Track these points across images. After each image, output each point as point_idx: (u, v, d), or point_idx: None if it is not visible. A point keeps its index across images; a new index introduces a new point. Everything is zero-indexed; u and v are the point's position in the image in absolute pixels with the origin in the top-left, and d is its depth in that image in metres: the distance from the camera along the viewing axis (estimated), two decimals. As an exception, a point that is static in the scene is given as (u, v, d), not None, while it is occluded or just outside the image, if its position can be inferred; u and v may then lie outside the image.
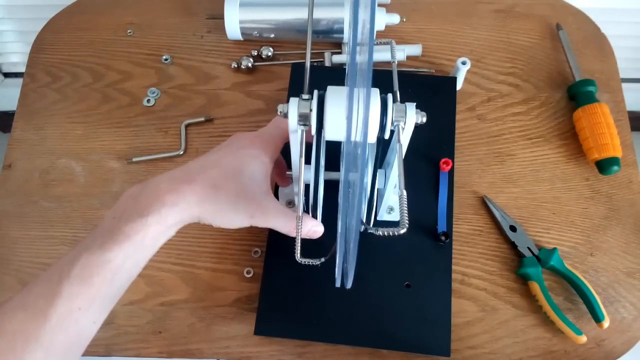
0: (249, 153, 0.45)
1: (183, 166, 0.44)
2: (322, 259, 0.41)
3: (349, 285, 0.42)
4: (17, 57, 1.18)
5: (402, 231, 0.33)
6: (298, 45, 0.71)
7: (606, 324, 0.53)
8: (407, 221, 0.34)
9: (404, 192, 0.36)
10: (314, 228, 0.46)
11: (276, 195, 0.58)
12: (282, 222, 0.45)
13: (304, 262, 0.40)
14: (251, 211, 0.44)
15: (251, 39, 0.70)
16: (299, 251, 0.40)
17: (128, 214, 0.40)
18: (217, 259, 0.58)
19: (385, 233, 0.34)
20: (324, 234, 0.47)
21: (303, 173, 0.40)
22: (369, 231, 0.35)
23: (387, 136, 0.39)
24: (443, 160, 0.58)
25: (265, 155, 0.45)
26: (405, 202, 0.35)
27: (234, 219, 0.44)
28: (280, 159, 0.51)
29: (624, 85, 0.68)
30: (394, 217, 0.56)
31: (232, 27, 0.68)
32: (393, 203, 0.56)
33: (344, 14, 0.66)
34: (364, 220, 0.50)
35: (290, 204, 0.57)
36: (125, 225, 0.39)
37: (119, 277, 0.39)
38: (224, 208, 0.43)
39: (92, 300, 0.38)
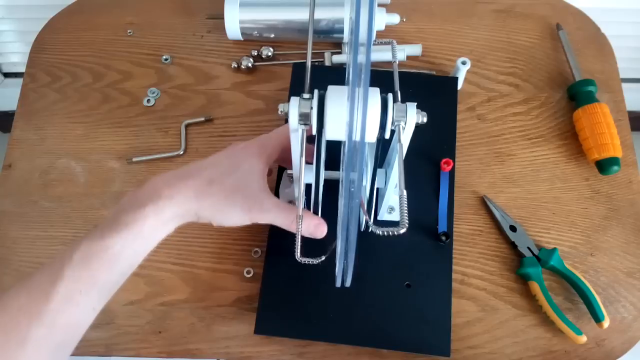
0: (244, 154, 0.46)
1: (183, 166, 0.46)
2: (322, 257, 0.41)
3: (348, 283, 0.42)
4: (17, 57, 1.18)
5: (402, 231, 0.34)
6: (298, 45, 0.71)
7: (606, 323, 0.53)
8: (407, 221, 0.34)
9: (404, 192, 0.36)
10: (316, 226, 0.47)
11: (277, 195, 0.58)
12: (282, 217, 0.45)
13: (304, 261, 0.40)
14: (248, 205, 0.45)
15: (251, 39, 0.70)
16: (299, 250, 0.40)
17: (127, 207, 0.42)
18: (217, 259, 0.58)
19: (386, 232, 0.34)
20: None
21: (304, 173, 0.40)
22: (370, 230, 0.35)
23: (387, 136, 0.39)
24: (444, 160, 0.58)
25: (260, 158, 0.46)
26: (406, 202, 0.35)
27: (232, 215, 0.45)
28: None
29: (624, 85, 0.68)
30: (395, 217, 0.56)
31: (232, 27, 0.68)
32: (393, 203, 0.56)
33: (344, 14, 0.66)
34: (365, 220, 0.50)
35: (291, 203, 0.57)
36: (124, 215, 0.41)
37: (118, 265, 0.41)
38: (221, 203, 0.44)
39: (93, 285, 0.39)
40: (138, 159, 0.63)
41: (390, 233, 0.34)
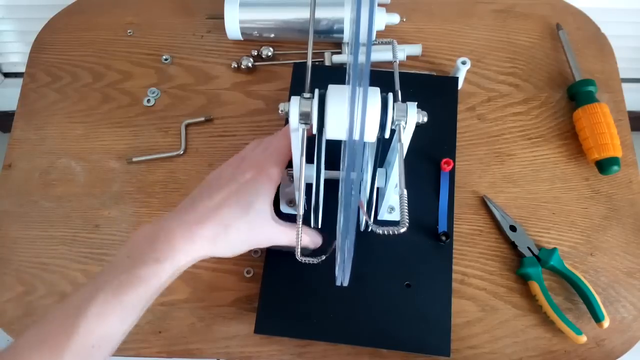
0: (256, 188, 0.46)
1: (191, 204, 0.46)
2: (323, 257, 0.42)
3: (346, 283, 0.42)
4: (17, 57, 1.18)
5: (403, 230, 0.34)
6: (298, 45, 0.71)
7: (606, 323, 0.53)
8: (407, 220, 0.34)
9: (405, 192, 0.36)
10: (313, 238, 0.50)
11: (277, 196, 0.58)
12: (285, 239, 0.48)
13: (304, 260, 0.40)
14: (259, 242, 0.48)
15: (251, 39, 0.70)
16: (299, 250, 0.40)
17: (144, 258, 0.42)
18: (217, 259, 0.58)
19: (386, 232, 0.34)
20: (324, 231, 0.47)
21: (304, 172, 0.40)
22: (370, 229, 0.35)
23: (387, 135, 0.39)
24: (444, 160, 0.58)
25: (271, 182, 0.47)
26: (406, 201, 0.35)
27: (241, 250, 0.47)
28: None
29: (624, 85, 0.68)
30: (395, 216, 0.56)
31: (232, 27, 0.68)
32: (394, 202, 0.56)
33: (344, 14, 0.66)
34: (365, 220, 0.50)
35: (291, 202, 0.57)
36: (141, 269, 0.41)
37: (130, 316, 0.41)
38: (235, 245, 0.46)
39: (105, 338, 0.40)
40: (138, 159, 0.63)
41: (391, 232, 0.34)
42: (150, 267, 0.41)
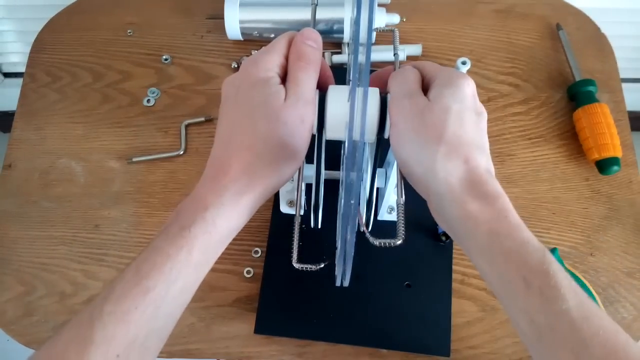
0: (251, 85, 0.37)
1: (210, 158, 0.37)
2: (322, 264, 0.40)
3: (346, 283, 0.42)
4: (17, 57, 1.18)
5: (399, 242, 0.34)
6: (298, 45, 0.70)
7: (606, 323, 0.53)
8: (403, 232, 0.34)
9: (402, 200, 0.35)
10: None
11: (277, 195, 0.58)
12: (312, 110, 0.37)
13: (302, 268, 0.38)
14: (295, 150, 0.37)
15: (251, 39, 0.70)
16: (295, 256, 0.38)
17: (168, 230, 0.34)
18: (217, 259, 0.58)
19: (383, 244, 0.34)
20: (324, 233, 0.47)
21: (304, 172, 0.40)
22: (367, 237, 0.35)
23: (387, 135, 0.39)
24: (443, 160, 0.58)
25: (263, 69, 0.37)
26: (403, 212, 0.35)
27: (288, 170, 0.38)
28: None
29: (624, 85, 0.68)
30: (395, 217, 0.56)
31: (232, 27, 0.68)
32: (393, 203, 0.56)
33: (344, 14, 0.66)
34: (364, 221, 0.50)
35: (291, 203, 0.57)
36: (164, 243, 0.33)
37: (164, 308, 0.32)
38: (273, 168, 0.36)
39: (132, 343, 0.31)
40: (138, 159, 0.63)
41: (387, 244, 0.34)
42: (176, 237, 0.33)
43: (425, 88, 0.38)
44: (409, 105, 0.36)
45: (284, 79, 0.38)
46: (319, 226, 0.50)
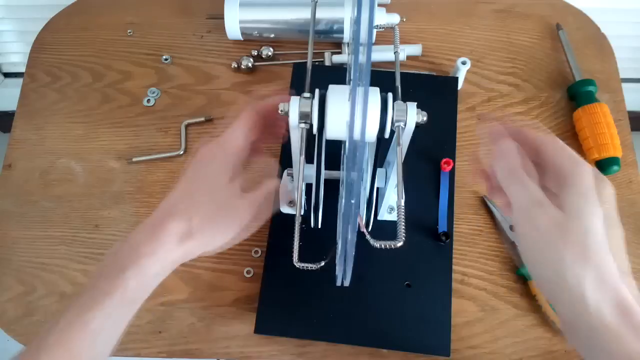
0: (213, 170, 0.42)
1: (155, 211, 0.41)
2: (322, 263, 0.40)
3: (347, 283, 0.42)
4: (17, 57, 1.18)
5: (400, 244, 0.34)
6: (298, 45, 0.71)
7: (606, 323, 0.53)
8: (404, 234, 0.34)
9: (402, 203, 0.35)
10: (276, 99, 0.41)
11: (277, 195, 0.58)
12: (250, 211, 0.43)
13: (302, 266, 0.39)
14: (231, 221, 0.42)
15: (251, 39, 0.70)
16: (296, 255, 0.39)
17: (107, 271, 0.38)
18: (217, 259, 0.58)
19: (383, 245, 0.34)
20: (324, 233, 0.47)
21: (303, 172, 0.40)
22: (368, 240, 0.35)
23: (387, 135, 0.39)
24: (444, 160, 0.58)
25: (231, 169, 0.43)
26: (403, 214, 0.35)
27: (221, 239, 0.42)
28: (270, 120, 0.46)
29: (624, 85, 0.68)
30: (395, 217, 0.56)
31: (232, 27, 0.68)
32: (394, 202, 0.56)
33: (344, 14, 0.66)
34: (365, 221, 0.50)
35: (292, 203, 0.57)
36: (103, 283, 0.37)
37: (100, 340, 0.37)
38: (206, 236, 0.40)
39: None
40: (138, 159, 0.63)
41: (388, 246, 0.34)
42: (113, 279, 0.37)
43: (539, 170, 0.37)
44: (541, 216, 0.34)
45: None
46: (319, 226, 0.50)
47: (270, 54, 0.69)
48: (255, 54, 0.69)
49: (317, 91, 0.38)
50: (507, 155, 0.37)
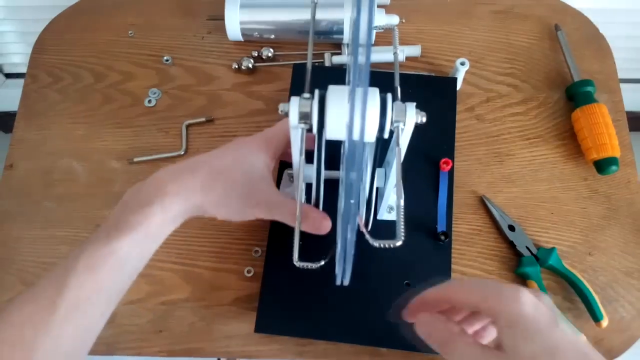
0: (250, 147, 0.46)
1: (186, 160, 0.45)
2: (322, 262, 0.40)
3: (346, 282, 0.42)
4: (18, 58, 1.19)
5: (399, 243, 0.34)
6: (298, 46, 0.71)
7: (605, 323, 0.54)
8: (403, 234, 0.34)
9: (401, 202, 0.36)
10: (319, 221, 0.44)
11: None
12: (287, 214, 0.44)
13: (301, 266, 0.39)
14: (255, 200, 0.44)
15: (252, 40, 0.70)
16: (296, 254, 0.39)
17: (131, 206, 0.40)
18: (218, 258, 0.58)
19: (383, 245, 0.34)
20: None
21: (303, 172, 0.40)
22: (368, 240, 0.35)
23: (386, 136, 0.39)
24: (443, 160, 0.58)
25: (266, 152, 0.46)
26: (402, 213, 0.35)
27: (238, 210, 0.44)
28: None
29: (623, 86, 0.68)
30: (394, 216, 0.56)
31: (233, 28, 0.68)
32: (393, 202, 0.56)
33: (344, 15, 0.66)
34: (364, 221, 0.50)
35: (291, 203, 0.57)
36: (129, 216, 0.39)
37: (126, 268, 0.39)
38: (228, 196, 0.43)
39: (100, 291, 0.38)
40: (139, 159, 0.64)
41: (387, 245, 0.34)
42: (138, 214, 0.39)
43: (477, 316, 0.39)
44: None
45: None
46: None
47: (270, 54, 0.69)
48: (256, 54, 0.70)
49: (316, 92, 0.39)
50: (428, 327, 0.39)
